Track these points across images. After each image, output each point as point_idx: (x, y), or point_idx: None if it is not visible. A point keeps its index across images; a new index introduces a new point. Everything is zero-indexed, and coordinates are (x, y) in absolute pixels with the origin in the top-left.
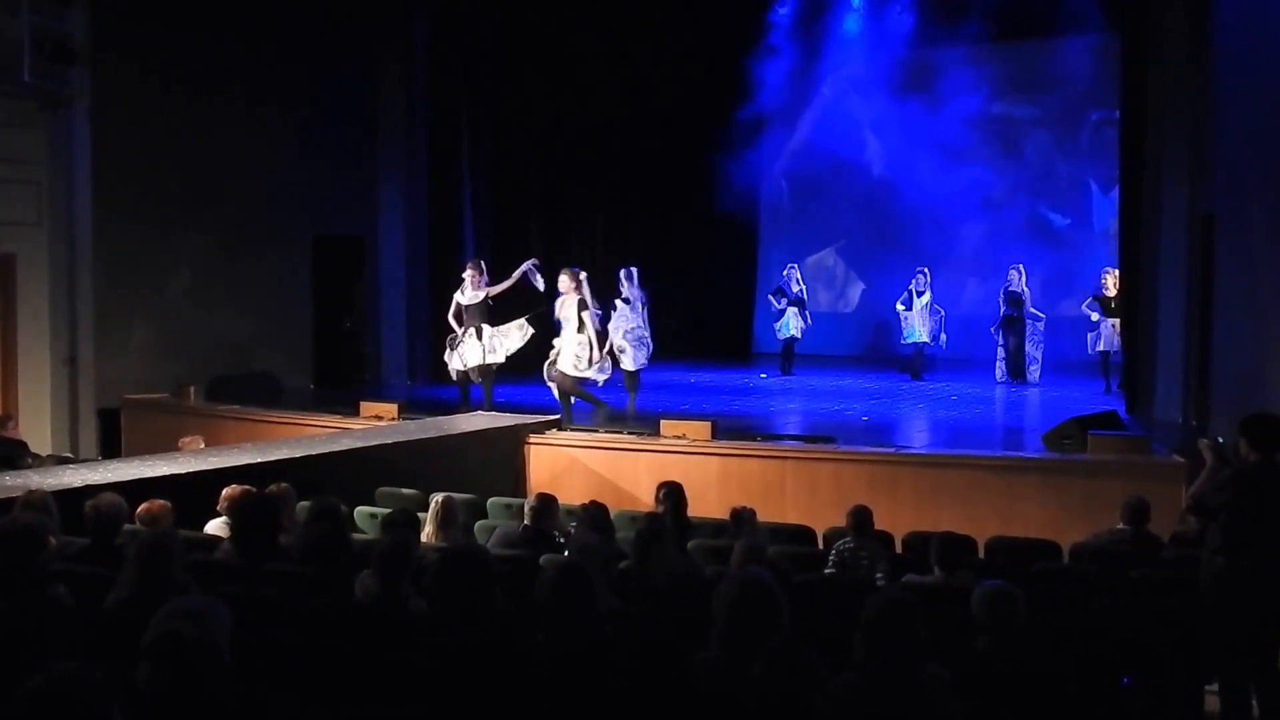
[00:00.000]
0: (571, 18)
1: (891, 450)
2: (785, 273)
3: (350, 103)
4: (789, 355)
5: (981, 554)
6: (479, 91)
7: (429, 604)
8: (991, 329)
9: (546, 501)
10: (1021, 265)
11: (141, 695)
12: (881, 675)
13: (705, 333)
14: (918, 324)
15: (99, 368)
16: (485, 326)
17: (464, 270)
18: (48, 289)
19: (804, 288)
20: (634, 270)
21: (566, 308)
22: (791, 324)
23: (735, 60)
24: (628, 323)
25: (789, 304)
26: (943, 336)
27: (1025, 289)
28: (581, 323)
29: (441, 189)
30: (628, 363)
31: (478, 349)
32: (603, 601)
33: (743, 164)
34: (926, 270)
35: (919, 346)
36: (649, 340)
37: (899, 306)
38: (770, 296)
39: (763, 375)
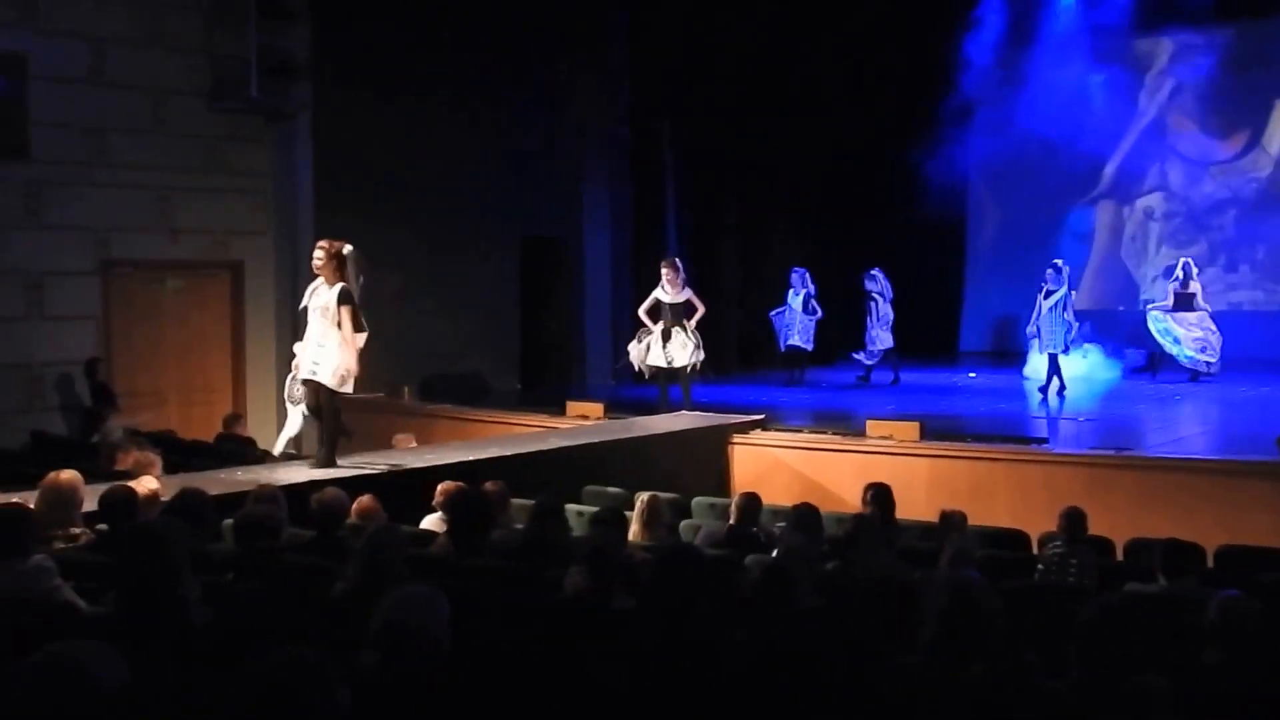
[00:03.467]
0: (767, 18)
1: (1109, 452)
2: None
3: (555, 108)
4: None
5: (1210, 563)
6: (679, 95)
7: (639, 601)
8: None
9: (751, 501)
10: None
11: (367, 681)
12: (1094, 685)
13: (911, 332)
14: (1045, 330)
15: None
16: (678, 329)
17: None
18: (274, 294)
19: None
20: (878, 271)
21: (321, 295)
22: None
23: (936, 52)
24: (878, 312)
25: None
26: (1070, 354)
27: (1198, 285)
28: (341, 319)
29: (645, 191)
30: (884, 342)
31: (660, 351)
32: (805, 600)
33: (948, 156)
34: (1060, 262)
35: (1052, 356)
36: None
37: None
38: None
39: (971, 375)
